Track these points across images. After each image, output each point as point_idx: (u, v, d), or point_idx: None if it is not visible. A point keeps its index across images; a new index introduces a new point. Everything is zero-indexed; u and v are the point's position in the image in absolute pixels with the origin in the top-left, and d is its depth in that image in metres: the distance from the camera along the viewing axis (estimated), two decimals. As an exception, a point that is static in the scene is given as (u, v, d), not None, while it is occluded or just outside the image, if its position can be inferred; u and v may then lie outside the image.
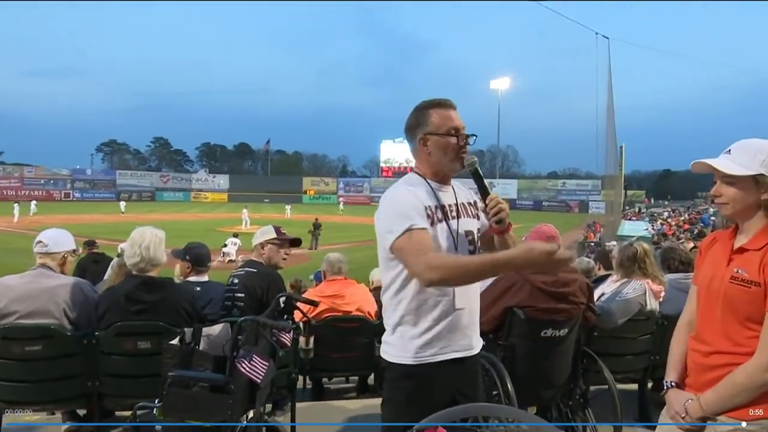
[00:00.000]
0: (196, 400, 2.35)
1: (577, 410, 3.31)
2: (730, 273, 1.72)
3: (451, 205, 1.98)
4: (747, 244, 1.73)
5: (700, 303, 1.85)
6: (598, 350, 3.34)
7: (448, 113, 1.96)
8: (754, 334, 1.66)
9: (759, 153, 1.67)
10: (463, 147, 1.95)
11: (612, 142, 24.95)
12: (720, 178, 1.74)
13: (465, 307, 1.95)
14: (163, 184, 76.52)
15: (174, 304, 2.99)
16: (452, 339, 1.93)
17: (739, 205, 1.72)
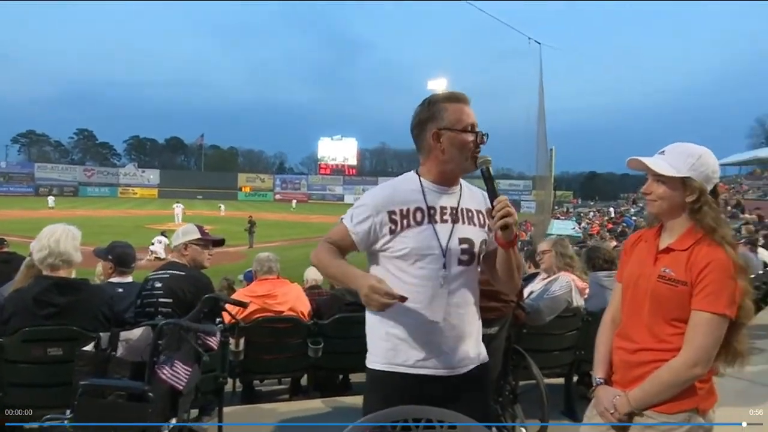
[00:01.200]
0: (112, 409, 2.20)
1: (507, 406, 3.37)
2: (657, 272, 1.78)
3: (446, 208, 1.84)
4: (673, 244, 1.79)
5: (626, 301, 1.90)
6: (526, 347, 3.42)
7: (465, 108, 1.84)
8: (679, 331, 1.72)
9: (689, 157, 1.75)
10: (478, 146, 1.83)
11: (543, 144, 25.85)
12: (652, 176, 1.80)
13: (443, 322, 1.78)
14: (88, 178, 72.62)
15: (90, 308, 2.79)
16: (431, 354, 1.78)
17: (666, 204, 1.78)
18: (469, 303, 1.86)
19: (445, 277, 1.78)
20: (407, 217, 1.80)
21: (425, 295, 1.77)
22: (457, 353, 1.81)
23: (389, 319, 1.79)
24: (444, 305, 1.79)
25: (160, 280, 3.17)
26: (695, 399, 1.72)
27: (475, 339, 1.90)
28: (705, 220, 1.74)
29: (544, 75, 24.16)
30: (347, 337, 4.19)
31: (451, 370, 1.80)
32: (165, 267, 3.32)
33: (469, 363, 1.84)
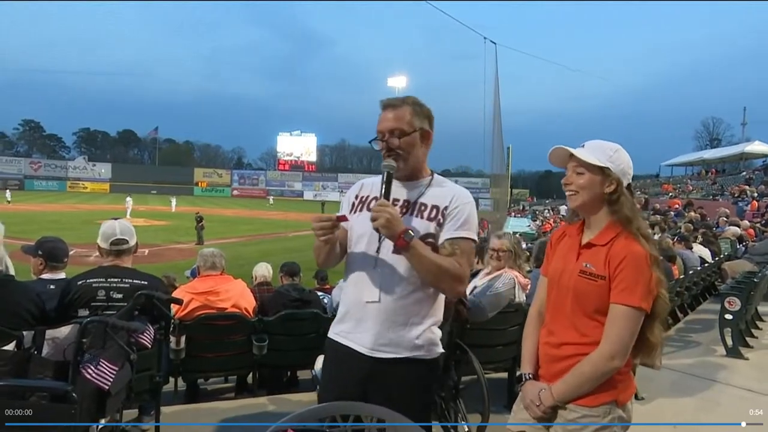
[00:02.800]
0: (33, 411, 2.10)
1: (450, 401, 3.40)
2: (579, 267, 1.82)
3: (399, 200, 1.97)
4: (594, 239, 1.84)
5: (551, 296, 1.94)
6: (470, 342, 3.45)
7: (382, 115, 1.98)
8: (600, 325, 1.77)
9: (608, 149, 1.83)
10: (384, 150, 1.96)
11: (499, 143, 26.36)
12: (573, 167, 1.85)
13: (376, 302, 1.89)
14: (34, 171, 69.69)
15: (12, 304, 2.64)
16: (357, 329, 1.93)
17: (587, 195, 1.82)
18: (405, 290, 1.90)
19: (377, 260, 1.90)
20: (363, 203, 2.02)
21: (360, 274, 1.95)
22: (378, 336, 1.89)
23: (344, 292, 2.03)
24: (377, 286, 1.90)
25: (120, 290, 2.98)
26: (614, 391, 1.77)
27: (408, 330, 1.91)
28: (622, 210, 1.79)
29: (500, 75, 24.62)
30: (293, 334, 4.16)
31: (369, 350, 1.90)
32: None
33: (390, 351, 1.89)
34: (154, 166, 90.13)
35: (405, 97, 2.01)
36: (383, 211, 1.76)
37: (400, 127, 1.93)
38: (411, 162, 1.96)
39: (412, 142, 1.95)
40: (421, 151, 1.99)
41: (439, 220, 1.93)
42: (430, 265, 1.81)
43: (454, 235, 1.91)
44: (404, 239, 1.77)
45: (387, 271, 1.90)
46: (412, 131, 1.94)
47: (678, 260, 7.24)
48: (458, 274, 1.85)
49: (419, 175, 2.02)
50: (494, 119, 25.04)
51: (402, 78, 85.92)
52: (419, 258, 1.80)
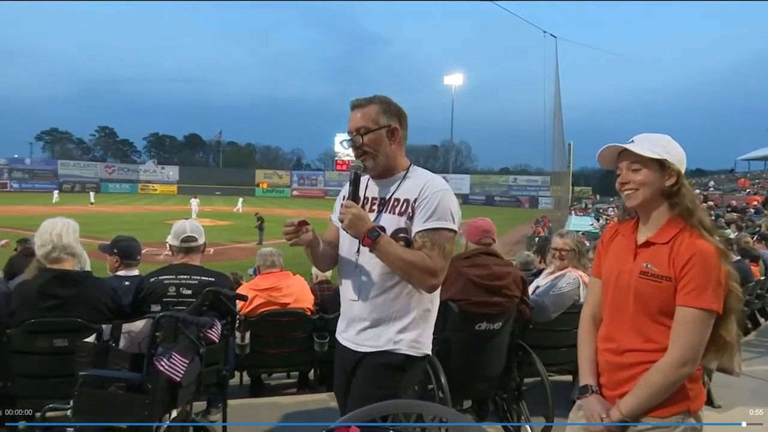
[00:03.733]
0: (111, 400, 2.22)
1: (512, 403, 3.34)
2: (638, 268, 1.72)
3: (376, 198, 2.04)
4: (653, 237, 1.73)
5: (607, 299, 1.83)
6: (533, 343, 3.38)
7: (351, 115, 2.01)
8: (665, 329, 1.66)
9: (660, 140, 1.73)
10: (354, 149, 2.00)
11: (559, 140, 25.64)
12: (628, 164, 1.74)
13: (357, 300, 2.00)
14: (109, 174, 73.76)
15: (92, 300, 2.81)
16: (347, 327, 2.07)
17: (648, 191, 1.71)
18: (381, 288, 1.96)
19: (356, 259, 1.99)
20: None
21: (345, 274, 2.07)
22: (362, 332, 2.01)
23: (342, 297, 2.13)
24: (357, 284, 2.01)
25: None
26: (687, 401, 1.67)
27: (390, 325, 1.97)
28: (684, 203, 1.70)
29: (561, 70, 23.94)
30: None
31: (355, 345, 2.03)
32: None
33: (368, 347, 1.99)
34: (218, 168, 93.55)
35: (372, 96, 2.02)
36: (347, 212, 1.85)
37: (365, 125, 1.96)
38: (381, 159, 1.99)
39: (378, 140, 1.97)
40: (390, 147, 2.01)
41: (409, 214, 1.94)
42: (397, 261, 1.85)
43: (425, 226, 1.90)
44: (369, 238, 1.83)
45: (364, 269, 1.98)
46: (376, 128, 1.97)
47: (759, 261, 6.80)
48: (427, 267, 1.86)
49: (393, 171, 2.04)
50: (555, 115, 24.38)
51: (458, 75, 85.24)
52: (386, 254, 1.85)
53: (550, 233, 28.14)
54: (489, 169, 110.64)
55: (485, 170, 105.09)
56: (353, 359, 2.03)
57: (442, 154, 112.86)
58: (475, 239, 3.18)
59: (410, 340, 1.99)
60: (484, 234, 3.18)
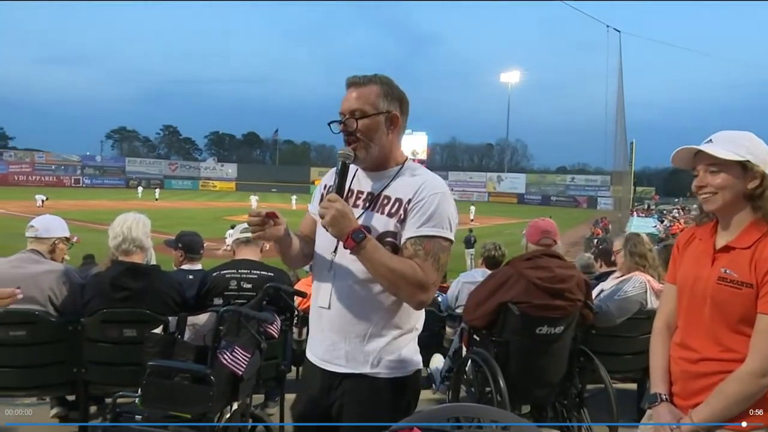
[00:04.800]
0: (176, 390, 2.29)
1: (573, 409, 3.23)
2: (716, 273, 1.61)
3: (363, 192, 1.75)
4: (733, 241, 1.62)
5: (682, 305, 1.74)
6: (595, 349, 3.26)
7: (346, 95, 1.73)
8: (745, 338, 1.56)
9: (743, 140, 1.60)
10: (344, 134, 1.71)
11: (622, 138, 24.71)
12: (705, 166, 1.63)
13: (327, 308, 1.71)
14: (172, 171, 76.90)
15: (159, 292, 2.93)
16: (314, 338, 1.76)
17: (729, 195, 1.60)
18: (358, 297, 1.67)
19: (332, 261, 1.70)
20: (329, 193, 1.75)
21: (317, 276, 1.79)
22: (331, 347, 1.70)
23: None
24: (328, 292, 1.71)
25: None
26: (767, 414, 1.56)
27: (365, 343, 1.67)
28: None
29: (624, 66, 23.05)
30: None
31: (320, 361, 1.73)
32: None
33: (342, 365, 1.69)
34: (275, 165, 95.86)
35: (373, 75, 1.72)
36: (330, 207, 1.54)
37: (361, 108, 1.67)
38: (374, 150, 1.69)
39: (374, 126, 1.68)
40: (387, 137, 1.72)
41: (401, 216, 1.66)
42: (383, 269, 1.56)
43: (418, 233, 1.62)
44: (353, 239, 1.53)
45: (341, 274, 1.68)
46: (374, 113, 1.67)
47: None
48: (418, 280, 1.57)
49: (387, 165, 1.75)
50: (617, 113, 23.51)
51: (515, 72, 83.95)
52: (371, 261, 1.56)
53: (610, 234, 27.23)
54: (545, 168, 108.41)
55: (541, 169, 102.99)
56: (320, 376, 1.73)
57: (497, 152, 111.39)
58: (535, 240, 3.09)
59: (391, 360, 1.69)
60: (544, 234, 3.09)
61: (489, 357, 2.95)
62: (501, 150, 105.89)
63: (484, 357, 2.99)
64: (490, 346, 3.03)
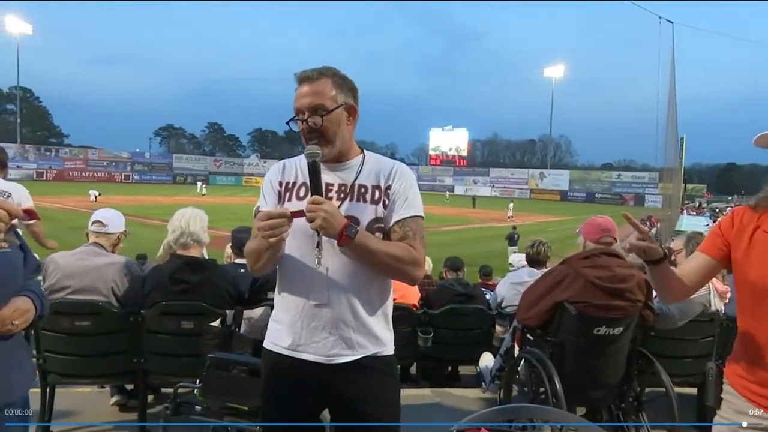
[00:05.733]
0: (235, 383, 2.33)
1: (630, 413, 3.13)
2: None
3: (332, 185, 1.72)
4: None
5: (757, 312, 1.59)
6: (654, 351, 3.15)
7: (297, 92, 1.70)
8: None
9: None
10: (306, 132, 1.68)
11: (672, 133, 23.79)
12: None
13: (326, 304, 1.66)
14: (217, 168, 78.63)
15: (216, 286, 2.99)
16: (310, 338, 1.69)
17: None
18: (355, 287, 1.68)
19: (319, 258, 1.65)
20: (290, 191, 1.76)
21: (301, 275, 1.69)
22: (335, 341, 1.68)
23: (281, 299, 1.76)
24: (323, 287, 1.66)
25: None
26: None
27: (365, 328, 1.70)
28: None
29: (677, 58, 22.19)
30: (456, 328, 4.14)
31: (326, 358, 1.68)
32: None
33: (349, 354, 1.68)
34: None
35: (322, 68, 1.71)
36: (318, 210, 1.52)
37: (321, 104, 1.66)
38: (338, 144, 1.70)
39: (337, 120, 1.69)
40: (347, 129, 1.73)
41: (384, 202, 1.71)
42: (382, 256, 1.61)
43: (403, 215, 1.70)
44: (347, 236, 1.55)
45: (333, 267, 1.66)
46: (335, 107, 1.67)
47: None
48: (414, 258, 1.66)
49: (349, 156, 1.77)
50: (669, 107, 22.67)
51: (559, 67, 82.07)
52: (367, 252, 1.60)
53: (658, 233, 26.33)
54: (590, 164, 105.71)
55: (586, 166, 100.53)
56: (325, 374, 1.69)
57: (540, 149, 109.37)
58: (594, 238, 3.00)
59: (388, 335, 1.77)
60: (604, 233, 2.99)
61: (544, 357, 2.89)
62: (544, 146, 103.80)
63: (538, 357, 2.92)
64: (545, 346, 2.97)
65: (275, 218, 1.50)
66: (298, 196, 1.74)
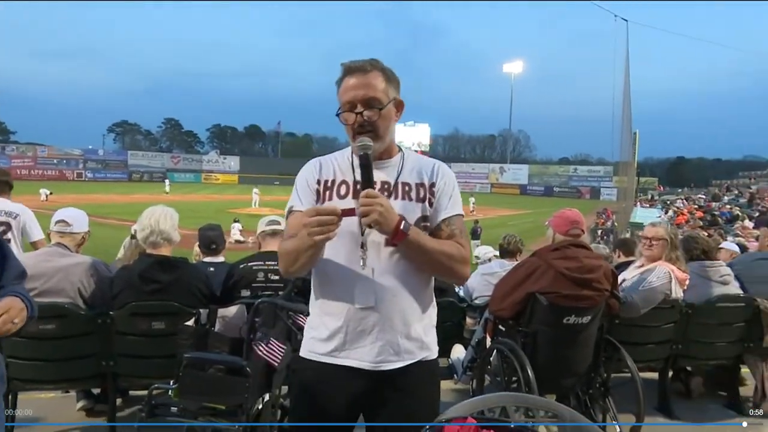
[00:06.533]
0: (213, 382, 2.30)
1: (597, 399, 3.24)
2: None
3: (375, 183, 1.60)
4: None
5: None
6: (619, 338, 3.27)
7: (349, 82, 1.62)
8: None
9: None
10: (358, 126, 1.60)
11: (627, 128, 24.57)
12: None
13: (372, 307, 1.59)
14: (174, 165, 76.70)
15: (188, 285, 2.93)
16: (354, 343, 1.61)
17: None
18: (402, 289, 1.61)
19: (364, 259, 1.58)
20: (330, 189, 1.67)
21: (344, 277, 1.60)
22: (382, 346, 1.60)
23: (320, 304, 1.67)
24: (370, 290, 1.58)
25: None
26: None
27: (413, 333, 1.64)
28: None
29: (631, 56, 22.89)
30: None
31: (372, 364, 1.60)
32: None
33: (396, 360, 1.61)
34: (277, 158, 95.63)
35: (371, 60, 1.65)
36: (374, 204, 1.44)
37: (376, 97, 1.59)
38: (386, 139, 1.64)
39: (389, 116, 1.64)
40: (394, 125, 1.69)
41: (430, 200, 1.67)
42: (436, 254, 1.57)
43: (449, 213, 1.67)
44: (403, 231, 1.49)
45: (379, 268, 1.59)
46: (388, 102, 1.62)
47: None
48: (464, 256, 1.63)
49: (391, 153, 1.71)
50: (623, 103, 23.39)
51: (518, 63, 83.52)
52: (421, 249, 1.55)
53: (614, 225, 27.16)
54: (548, 159, 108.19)
55: (544, 160, 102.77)
56: (367, 381, 1.62)
57: (500, 144, 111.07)
58: (563, 230, 3.09)
59: (433, 344, 1.71)
60: (572, 225, 3.08)
61: (516, 347, 2.96)
62: (503, 141, 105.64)
63: (511, 347, 2.99)
64: (517, 337, 3.04)
65: (324, 215, 1.42)
66: (339, 195, 1.65)
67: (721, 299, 3.68)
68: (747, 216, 20.96)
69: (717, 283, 3.75)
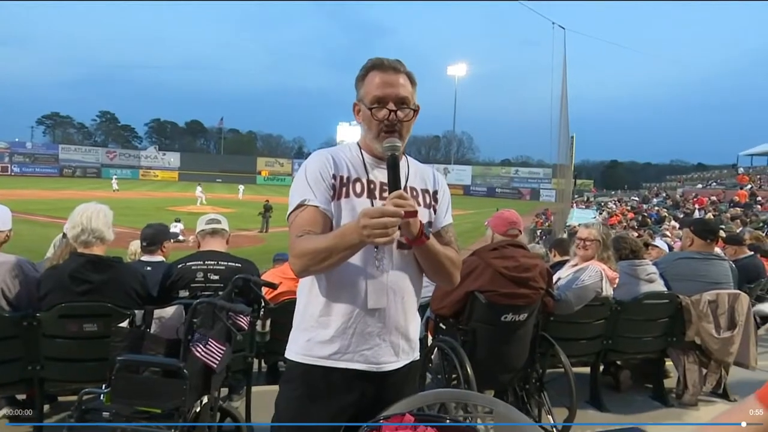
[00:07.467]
0: (147, 385, 2.23)
1: (534, 393, 3.36)
2: None
3: (384, 185, 1.60)
4: None
5: None
6: (554, 335, 3.40)
7: (380, 78, 1.58)
8: None
9: None
10: (387, 124, 1.57)
11: (564, 132, 25.52)
12: None
13: (382, 309, 1.59)
14: (110, 160, 73.49)
15: (122, 285, 2.83)
16: (360, 345, 1.59)
17: None
18: (408, 292, 1.65)
19: (380, 260, 1.58)
20: (347, 186, 1.62)
21: (356, 277, 1.58)
22: (387, 347, 1.62)
23: (323, 305, 1.61)
24: (382, 291, 1.59)
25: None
26: None
27: (411, 334, 1.69)
28: None
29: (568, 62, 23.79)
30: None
31: (377, 366, 1.61)
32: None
33: (395, 361, 1.64)
34: (219, 155, 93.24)
35: (398, 60, 1.64)
36: (406, 206, 1.39)
37: (408, 98, 1.60)
38: (405, 143, 1.64)
39: (412, 120, 1.65)
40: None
41: (434, 206, 1.72)
42: (444, 259, 1.61)
43: (447, 220, 1.76)
44: (426, 236, 1.52)
45: (394, 270, 1.60)
46: (414, 106, 1.63)
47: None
48: (460, 263, 1.73)
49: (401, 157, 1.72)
50: (561, 107, 24.27)
51: (462, 66, 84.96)
52: (434, 253, 1.58)
53: (553, 226, 28.11)
54: (490, 160, 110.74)
55: (487, 162, 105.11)
56: (369, 383, 1.62)
57: (444, 144, 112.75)
58: (501, 230, 3.18)
59: (417, 342, 1.76)
60: (510, 225, 3.18)
61: (456, 345, 3.03)
62: (448, 142, 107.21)
63: (451, 345, 3.06)
64: (457, 334, 3.11)
65: (389, 215, 1.35)
66: (355, 192, 1.62)
67: (648, 296, 3.90)
68: (673, 217, 22.19)
69: (644, 281, 3.96)
